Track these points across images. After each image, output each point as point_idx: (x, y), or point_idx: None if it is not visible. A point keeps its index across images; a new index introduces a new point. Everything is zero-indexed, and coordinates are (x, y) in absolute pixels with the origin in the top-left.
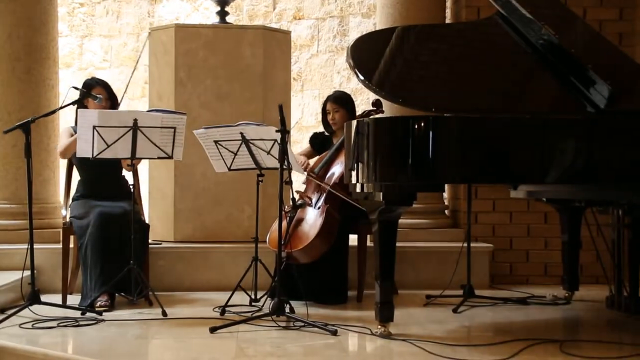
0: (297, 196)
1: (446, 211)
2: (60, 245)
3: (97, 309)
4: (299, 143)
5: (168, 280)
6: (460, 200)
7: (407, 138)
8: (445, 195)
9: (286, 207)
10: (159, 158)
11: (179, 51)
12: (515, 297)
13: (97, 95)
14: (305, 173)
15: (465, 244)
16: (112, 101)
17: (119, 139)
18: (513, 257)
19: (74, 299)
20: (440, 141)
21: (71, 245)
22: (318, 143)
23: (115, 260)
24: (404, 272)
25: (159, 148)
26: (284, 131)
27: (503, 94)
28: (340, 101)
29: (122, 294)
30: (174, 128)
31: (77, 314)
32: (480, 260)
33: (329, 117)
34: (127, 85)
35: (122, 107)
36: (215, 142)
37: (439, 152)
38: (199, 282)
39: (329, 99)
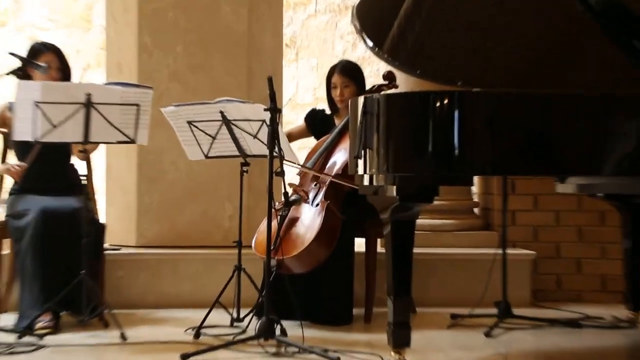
0: (290, 190)
1: (476, 209)
2: None
3: (37, 331)
4: (293, 124)
5: (129, 295)
6: (494, 196)
7: (427, 118)
8: (475, 189)
9: (277, 203)
10: (118, 143)
11: (144, 11)
12: (564, 319)
13: (41, 65)
14: (301, 166)
15: (500, 251)
16: (64, 72)
17: (67, 118)
18: (561, 267)
19: (8, 319)
20: (468, 122)
21: (5, 251)
22: (316, 123)
23: (62, 270)
24: (423, 286)
25: (118, 130)
26: (274, 110)
27: (547, 63)
28: (351, 73)
29: (70, 312)
30: (137, 105)
31: (13, 338)
32: (520, 271)
33: (336, 92)
34: None
35: (74, 80)
36: (189, 122)
37: (467, 136)
38: (167, 296)
39: (335, 69)
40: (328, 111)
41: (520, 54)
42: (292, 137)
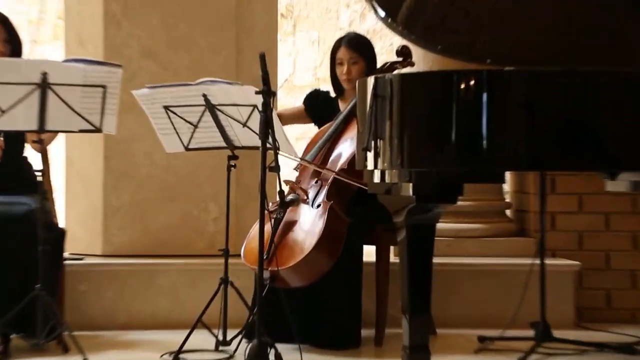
0: (286, 188)
1: (508, 211)
2: None
3: None
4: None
5: (94, 314)
6: (530, 195)
7: (450, 102)
8: (507, 187)
9: (271, 204)
10: (81, 131)
11: None
12: (615, 343)
13: None
14: (299, 160)
15: (538, 261)
16: (13, 45)
17: (19, 102)
18: (611, 281)
19: None
20: (499, 107)
21: None
22: (317, 106)
23: (12, 284)
24: (445, 302)
25: (80, 117)
26: (268, 93)
27: (594, 37)
28: (360, 47)
29: (23, 334)
30: (104, 87)
31: None
32: (561, 286)
33: (342, 70)
34: None
35: (25, 55)
36: (166, 108)
37: (497, 124)
38: (140, 315)
39: (341, 43)
40: (333, 93)
41: (558, 27)
42: (283, 118)
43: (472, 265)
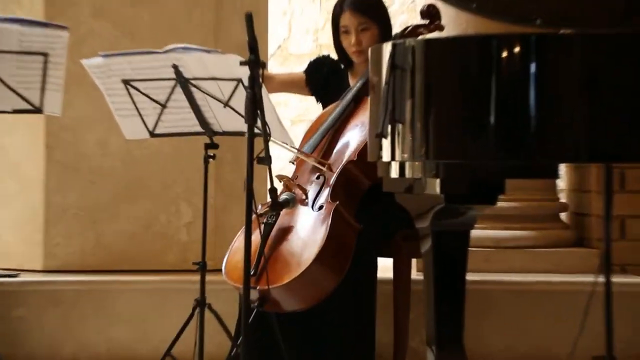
0: (280, 186)
1: (563, 215)
2: None
3: None
4: None
5: (33, 344)
6: (591, 194)
7: (488, 75)
8: (562, 184)
9: (260, 206)
10: (15, 112)
11: None
12: None
13: None
14: (297, 150)
15: (602, 278)
16: None
17: None
18: None
19: None
20: (552, 81)
21: None
22: (322, 76)
23: None
24: (482, 331)
25: (15, 93)
26: (256, 63)
27: None
28: (369, 10)
29: None
30: (45, 55)
31: None
32: (632, 310)
33: (348, 39)
34: None
35: None
36: (126, 82)
37: (550, 102)
38: (92, 348)
39: (343, 6)
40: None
41: None
42: (273, 83)
43: (517, 284)
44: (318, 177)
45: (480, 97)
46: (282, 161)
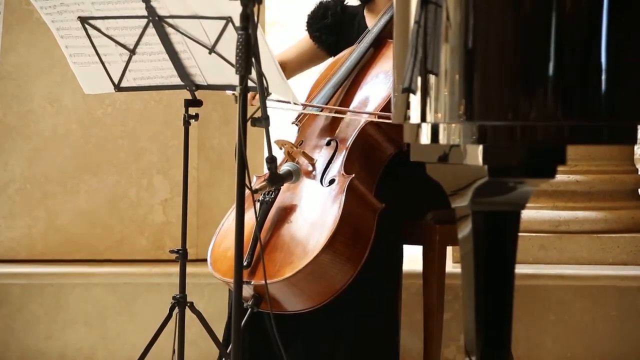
0: (281, 154)
1: None
2: None
3: None
4: (284, 27)
5: None
6: None
7: (548, 11)
8: None
9: (255, 179)
10: None
11: None
12: None
13: None
14: (302, 105)
15: None
16: None
17: None
18: None
19: None
20: (631, 16)
21: None
22: (328, 27)
23: None
24: (537, 336)
25: None
26: None
27: None
28: None
29: None
30: None
31: None
32: None
33: None
34: None
35: None
36: (83, 20)
37: (627, 46)
38: (43, 356)
39: None
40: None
41: None
42: (289, 68)
43: (582, 279)
44: (329, 143)
45: (537, 41)
46: (283, 122)
